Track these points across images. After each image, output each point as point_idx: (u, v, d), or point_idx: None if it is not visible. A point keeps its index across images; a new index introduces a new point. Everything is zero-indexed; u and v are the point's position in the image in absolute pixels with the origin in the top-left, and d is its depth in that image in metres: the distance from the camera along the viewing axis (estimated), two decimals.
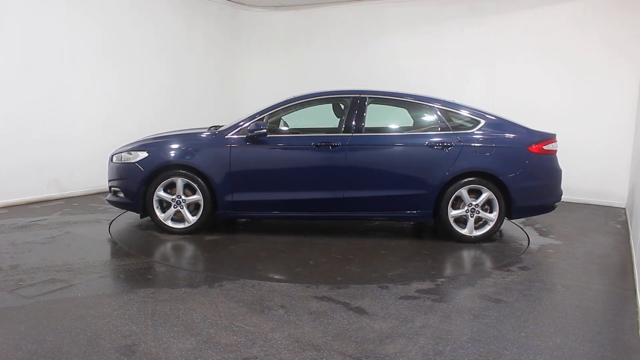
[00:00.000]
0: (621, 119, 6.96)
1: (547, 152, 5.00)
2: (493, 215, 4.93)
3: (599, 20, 7.02)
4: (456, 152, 4.90)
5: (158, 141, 5.25)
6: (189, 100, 8.64)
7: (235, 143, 4.99)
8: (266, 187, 5.01)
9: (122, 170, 5.17)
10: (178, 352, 2.70)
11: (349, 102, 5.15)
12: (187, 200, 5.04)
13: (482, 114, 5.09)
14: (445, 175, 4.88)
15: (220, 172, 4.95)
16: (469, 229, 4.97)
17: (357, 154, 4.96)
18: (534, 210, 5.21)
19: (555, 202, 5.14)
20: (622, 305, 3.58)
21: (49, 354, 2.64)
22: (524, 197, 4.93)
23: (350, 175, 4.96)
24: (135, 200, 5.05)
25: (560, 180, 5.13)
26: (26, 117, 6.24)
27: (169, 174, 5.00)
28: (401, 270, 4.18)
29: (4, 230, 5.03)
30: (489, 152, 4.93)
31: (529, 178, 4.92)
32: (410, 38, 8.34)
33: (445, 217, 4.95)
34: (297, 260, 4.41)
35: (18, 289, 3.53)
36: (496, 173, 4.87)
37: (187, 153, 5.03)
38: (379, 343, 2.86)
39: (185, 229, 5.06)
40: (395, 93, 5.30)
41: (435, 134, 5.01)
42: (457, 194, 4.91)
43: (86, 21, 6.83)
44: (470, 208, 4.93)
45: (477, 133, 4.98)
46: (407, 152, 5.00)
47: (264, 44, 9.56)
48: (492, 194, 4.89)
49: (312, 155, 4.99)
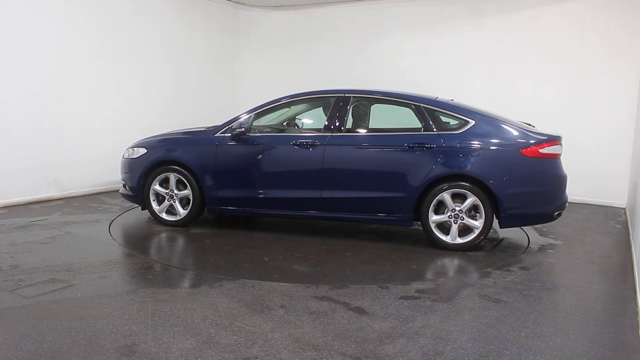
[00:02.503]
0: (621, 119, 6.96)
1: (545, 156, 4.59)
2: (478, 223, 4.59)
3: (599, 21, 7.02)
4: (437, 154, 4.64)
5: (157, 139, 5.60)
6: (190, 100, 8.64)
7: (221, 142, 5.20)
8: (247, 185, 5.16)
9: (127, 165, 5.59)
10: (178, 352, 2.70)
11: (332, 102, 5.13)
12: (179, 194, 5.33)
13: (474, 114, 4.78)
14: (424, 178, 4.64)
15: (208, 169, 5.19)
16: (451, 236, 4.66)
17: (335, 154, 4.89)
18: (528, 219, 4.82)
19: (555, 211, 4.67)
20: (622, 305, 3.59)
21: (49, 354, 2.64)
22: (514, 205, 4.56)
23: (328, 175, 4.90)
24: (136, 193, 5.45)
25: (562, 187, 4.71)
26: (26, 117, 6.23)
27: (163, 170, 5.34)
28: (348, 272, 4.09)
29: (4, 230, 5.03)
30: (475, 155, 4.60)
31: (521, 184, 4.56)
32: (410, 38, 8.34)
33: (425, 222, 4.71)
34: (253, 255, 4.49)
35: (18, 289, 3.53)
36: (481, 177, 4.54)
37: (179, 150, 5.33)
38: (379, 343, 2.86)
39: (177, 221, 5.36)
40: (380, 92, 5.21)
41: (416, 134, 4.80)
42: (440, 199, 4.64)
43: (86, 21, 6.83)
44: (454, 214, 4.63)
45: (464, 134, 4.67)
46: (385, 153, 4.83)
47: (264, 43, 9.56)
48: (477, 200, 4.56)
49: (292, 155, 5.03)
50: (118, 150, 7.27)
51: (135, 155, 5.49)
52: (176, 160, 5.29)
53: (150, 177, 5.36)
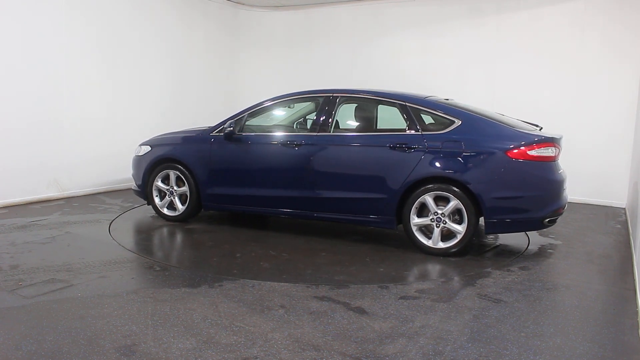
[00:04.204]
0: (621, 119, 6.96)
1: (534, 159, 4.31)
2: (461, 227, 4.38)
3: (599, 21, 7.02)
4: (419, 155, 4.49)
5: (160, 137, 5.87)
6: (190, 100, 8.63)
7: (215, 141, 5.35)
8: (237, 183, 5.28)
9: (134, 162, 5.86)
10: (178, 352, 2.70)
11: (320, 102, 5.13)
12: (178, 191, 5.54)
13: (461, 114, 4.57)
14: (405, 180, 4.50)
15: (203, 167, 5.36)
16: (433, 240, 4.48)
17: (319, 153, 4.89)
18: (515, 226, 4.51)
19: (545, 218, 4.38)
20: (622, 305, 3.58)
21: (49, 354, 2.64)
22: (499, 210, 4.32)
23: (312, 175, 4.90)
24: (142, 189, 5.72)
25: (554, 193, 4.42)
26: (26, 117, 6.23)
27: (164, 167, 5.56)
28: (309, 272, 4.07)
29: (4, 230, 5.03)
30: (458, 157, 4.40)
31: (506, 188, 4.31)
32: (410, 38, 8.33)
33: (407, 225, 4.57)
34: (227, 252, 4.58)
35: (18, 289, 3.53)
36: (463, 180, 4.34)
37: (178, 149, 5.54)
38: (379, 343, 2.86)
39: (176, 216, 5.58)
40: (367, 91, 5.14)
41: (399, 134, 4.68)
42: (422, 201, 4.48)
43: (86, 22, 6.82)
44: (436, 217, 4.45)
45: (448, 134, 4.49)
46: (367, 153, 4.74)
47: (264, 43, 9.56)
48: (460, 204, 4.36)
49: (278, 154, 5.10)
50: (118, 151, 7.31)
51: (142, 153, 5.77)
52: (175, 158, 5.50)
53: (153, 174, 5.60)
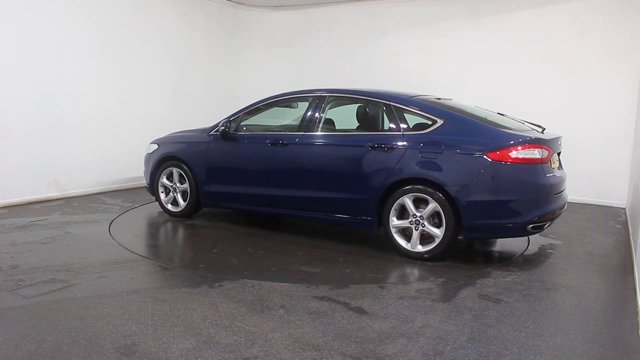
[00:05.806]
0: (621, 119, 6.96)
1: (517, 161, 4.08)
2: (439, 231, 4.25)
3: (599, 21, 7.02)
4: (398, 155, 4.39)
5: (167, 136, 6.10)
6: (190, 100, 8.63)
7: (212, 140, 5.50)
8: (229, 181, 5.41)
9: (145, 160, 6.12)
10: (178, 352, 2.70)
11: (309, 101, 5.15)
12: (180, 188, 5.74)
13: (445, 113, 4.44)
14: (384, 181, 4.42)
15: (201, 165, 5.53)
16: (412, 243, 4.37)
17: (303, 153, 4.92)
18: (495, 231, 4.30)
19: (529, 224, 4.14)
20: (622, 305, 3.58)
21: (49, 354, 2.64)
22: (476, 213, 4.15)
23: (296, 174, 4.95)
24: (150, 185, 5.99)
25: (541, 197, 4.16)
26: (26, 117, 6.23)
27: (169, 165, 5.79)
28: (275, 269, 4.10)
29: (4, 230, 5.03)
30: (436, 157, 4.26)
31: (485, 191, 4.12)
32: (410, 38, 8.33)
33: (386, 227, 4.47)
34: (205, 248, 4.71)
35: (18, 289, 3.53)
36: (441, 182, 4.20)
37: (180, 147, 5.72)
38: (379, 343, 2.86)
39: (178, 212, 5.79)
40: (353, 90, 5.14)
41: (380, 134, 4.64)
42: (401, 203, 4.39)
43: (86, 22, 6.82)
44: (415, 220, 4.35)
45: (428, 135, 4.37)
46: (348, 153, 4.68)
47: (264, 43, 9.55)
48: (438, 206, 4.22)
49: (267, 153, 5.13)
50: (118, 151, 7.32)
51: (150, 151, 6.02)
52: (177, 156, 5.70)
53: (159, 171, 5.86)
